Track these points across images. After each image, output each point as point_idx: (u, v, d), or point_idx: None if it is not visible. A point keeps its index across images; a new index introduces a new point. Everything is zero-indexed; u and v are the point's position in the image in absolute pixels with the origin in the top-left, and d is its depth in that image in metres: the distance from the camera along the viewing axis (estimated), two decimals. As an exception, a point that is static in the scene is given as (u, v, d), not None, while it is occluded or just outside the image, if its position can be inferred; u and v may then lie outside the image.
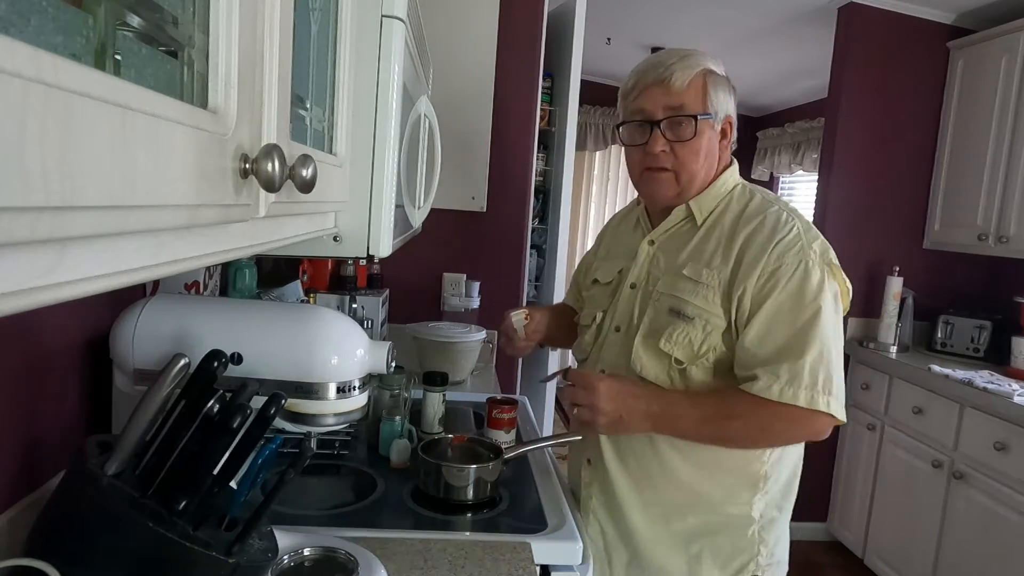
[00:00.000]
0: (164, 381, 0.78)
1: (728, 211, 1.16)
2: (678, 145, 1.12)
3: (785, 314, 1.05)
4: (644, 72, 1.14)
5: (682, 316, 1.11)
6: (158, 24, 0.41)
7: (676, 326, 1.11)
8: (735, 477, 1.15)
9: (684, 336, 1.11)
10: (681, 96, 1.11)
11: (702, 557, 1.17)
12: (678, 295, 1.13)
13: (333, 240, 0.86)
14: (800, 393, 1.03)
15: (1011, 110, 2.69)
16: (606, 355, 1.23)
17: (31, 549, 0.72)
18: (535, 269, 3.09)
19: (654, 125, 1.12)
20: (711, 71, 1.13)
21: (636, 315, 1.18)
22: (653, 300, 1.16)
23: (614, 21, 3.79)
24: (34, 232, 0.26)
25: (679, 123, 1.11)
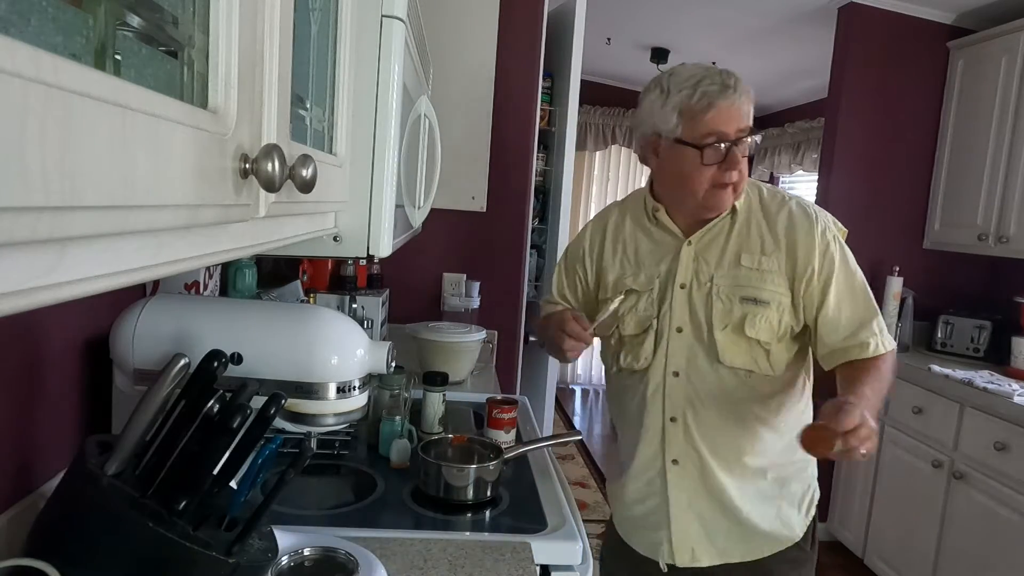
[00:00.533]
0: (164, 381, 0.78)
1: (750, 205, 1.26)
2: (743, 161, 1.20)
3: (849, 287, 1.22)
4: (716, 93, 1.15)
5: (758, 302, 1.21)
6: (158, 24, 0.41)
7: (755, 312, 1.20)
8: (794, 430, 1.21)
9: (764, 320, 1.20)
10: (747, 116, 1.18)
11: (783, 505, 1.29)
12: (746, 284, 1.21)
13: (333, 240, 0.86)
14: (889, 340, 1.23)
15: (1011, 110, 2.69)
16: (673, 357, 1.25)
17: (31, 549, 0.72)
18: (535, 269, 3.09)
19: (732, 145, 1.16)
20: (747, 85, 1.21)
21: (702, 312, 1.23)
22: (716, 295, 1.22)
23: (614, 21, 3.79)
24: (34, 232, 0.26)
25: (743, 143, 1.17)
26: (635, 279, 1.30)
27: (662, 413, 1.26)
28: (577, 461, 4.22)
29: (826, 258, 1.21)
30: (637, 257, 1.31)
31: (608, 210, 1.42)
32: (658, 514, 1.31)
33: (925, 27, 3.02)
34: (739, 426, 1.25)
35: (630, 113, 5.50)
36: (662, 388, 1.26)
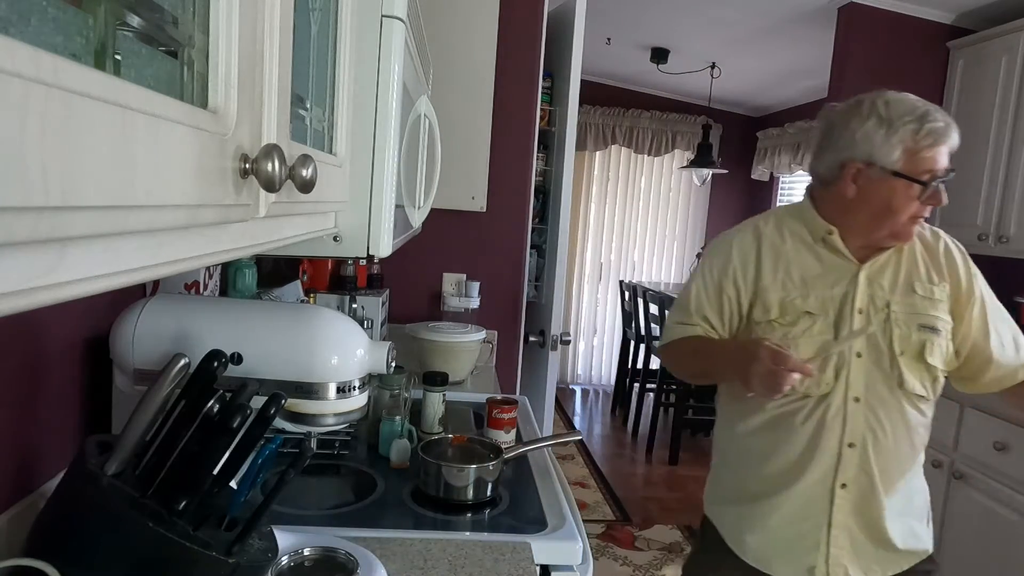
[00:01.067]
0: (164, 381, 0.78)
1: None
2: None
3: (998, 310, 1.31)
4: (941, 132, 1.19)
5: (934, 330, 1.24)
6: (158, 24, 0.41)
7: (932, 339, 1.23)
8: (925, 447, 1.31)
9: (938, 347, 1.24)
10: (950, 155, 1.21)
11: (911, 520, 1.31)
12: (922, 312, 1.24)
13: (333, 240, 0.86)
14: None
15: (1011, 110, 2.69)
16: (855, 383, 1.24)
17: (31, 549, 0.72)
18: (535, 269, 3.09)
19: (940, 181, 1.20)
20: None
21: (882, 339, 1.24)
22: (894, 321, 1.23)
23: (614, 21, 3.79)
24: (34, 232, 0.26)
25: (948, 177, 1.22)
26: (805, 301, 1.26)
27: (840, 438, 1.24)
28: (577, 461, 4.22)
29: (977, 285, 1.28)
30: (803, 279, 1.28)
31: (757, 225, 1.35)
32: (813, 536, 1.28)
33: (925, 27, 3.02)
34: (910, 451, 1.27)
35: (630, 113, 5.51)
36: (842, 413, 1.23)
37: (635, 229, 5.87)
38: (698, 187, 5.72)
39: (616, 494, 3.77)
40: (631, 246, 5.89)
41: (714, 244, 1.40)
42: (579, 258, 5.80)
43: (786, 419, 1.27)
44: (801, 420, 1.26)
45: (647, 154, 5.64)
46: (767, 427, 1.30)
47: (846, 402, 1.23)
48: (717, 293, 1.33)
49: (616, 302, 5.73)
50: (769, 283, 1.29)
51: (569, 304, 5.73)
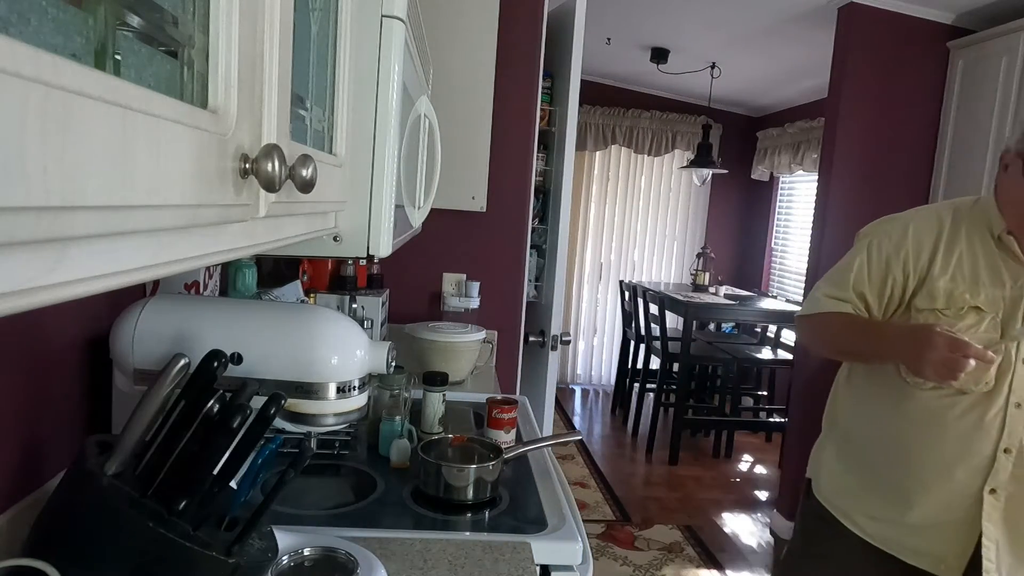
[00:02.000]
0: (164, 381, 0.78)
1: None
2: None
3: None
4: None
5: None
6: (158, 24, 0.41)
7: None
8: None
9: None
10: None
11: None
12: None
13: (333, 240, 0.86)
14: None
15: (1011, 110, 2.68)
16: (1018, 388, 1.22)
17: (31, 549, 0.72)
18: (535, 269, 3.09)
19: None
20: None
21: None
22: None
23: (614, 21, 3.79)
24: (34, 232, 0.26)
25: None
26: (974, 296, 1.24)
27: (996, 442, 1.22)
28: (577, 461, 4.22)
29: None
30: (974, 273, 1.26)
31: (939, 213, 1.34)
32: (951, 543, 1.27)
33: (925, 27, 3.02)
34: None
35: (630, 113, 5.51)
36: (1002, 416, 1.22)
37: (635, 229, 5.87)
38: (698, 187, 5.72)
39: (616, 494, 3.77)
40: (631, 246, 5.89)
41: (884, 224, 1.36)
42: (579, 258, 5.80)
43: (940, 412, 1.25)
44: (956, 416, 1.24)
45: (647, 154, 5.64)
46: (918, 417, 1.28)
47: (1007, 406, 1.21)
48: (882, 273, 1.31)
49: (616, 302, 5.73)
50: (939, 272, 1.26)
51: (569, 304, 5.73)
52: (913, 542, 1.31)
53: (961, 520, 1.25)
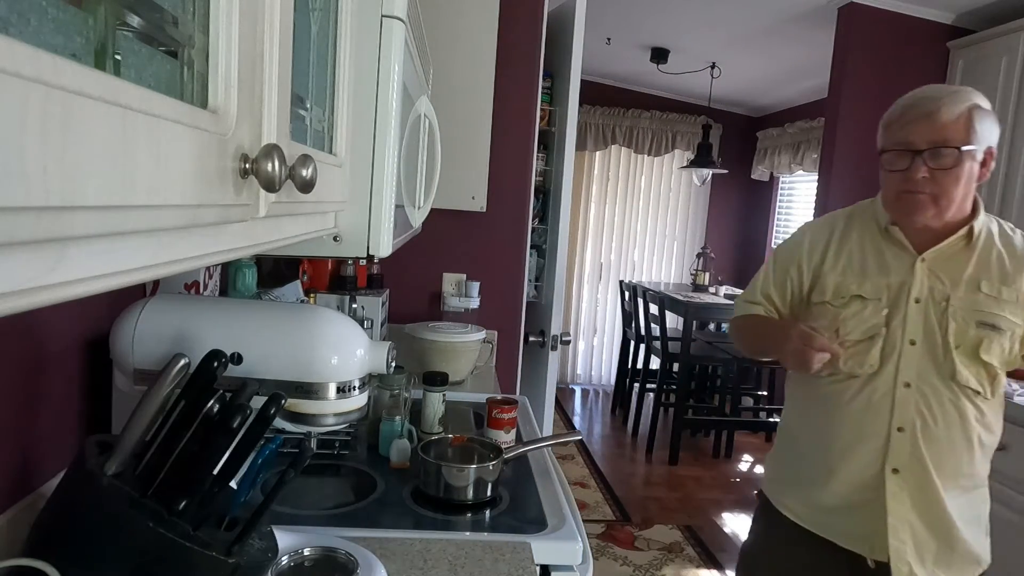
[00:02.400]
0: (164, 381, 0.78)
1: (991, 234, 1.31)
2: (940, 173, 1.22)
3: None
4: (911, 106, 1.25)
5: (995, 328, 1.24)
6: (158, 24, 0.41)
7: (991, 337, 1.24)
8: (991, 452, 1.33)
9: (998, 346, 1.25)
10: (945, 131, 1.21)
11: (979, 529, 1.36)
12: (984, 310, 1.25)
13: (333, 240, 0.86)
14: None
15: (1011, 110, 2.69)
16: (905, 368, 1.28)
17: (31, 549, 0.72)
18: (535, 269, 3.09)
19: (916, 155, 1.22)
20: (978, 106, 1.23)
21: (937, 329, 1.27)
22: (951, 314, 1.26)
23: (614, 21, 3.79)
24: (34, 232, 0.26)
25: (941, 154, 1.21)
26: (859, 286, 1.32)
27: (888, 422, 1.28)
28: (577, 461, 4.22)
29: None
30: (862, 265, 1.34)
31: (833, 218, 1.45)
32: (871, 523, 1.31)
33: (925, 27, 3.02)
34: (966, 446, 1.29)
35: (630, 113, 5.51)
36: (891, 397, 1.28)
37: (635, 229, 5.87)
38: (698, 187, 5.72)
39: (616, 494, 3.77)
40: (631, 246, 5.89)
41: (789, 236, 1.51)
42: (579, 258, 5.80)
43: (836, 396, 1.33)
44: (848, 399, 1.31)
45: (647, 154, 5.64)
46: (820, 405, 1.37)
47: (895, 386, 1.28)
48: (783, 275, 1.44)
49: (616, 302, 5.73)
50: (829, 268, 1.37)
51: (569, 304, 5.73)
52: (842, 525, 1.36)
53: (873, 501, 1.30)
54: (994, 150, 1.27)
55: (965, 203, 1.28)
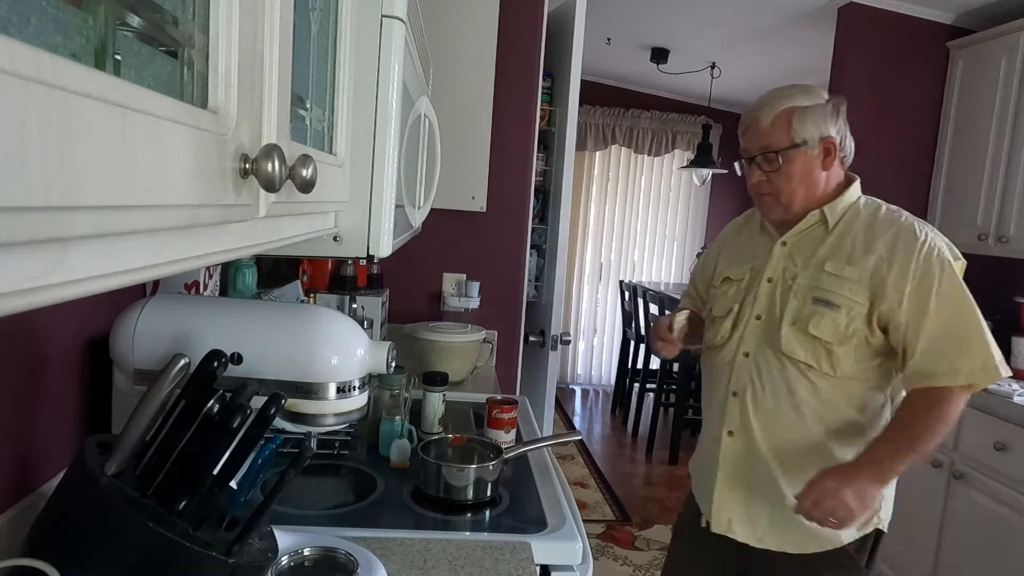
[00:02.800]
0: (164, 381, 0.78)
1: (857, 219, 1.35)
2: (773, 174, 1.34)
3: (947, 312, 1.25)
4: (744, 117, 1.38)
5: (829, 305, 1.30)
6: (158, 24, 0.41)
7: (823, 313, 1.30)
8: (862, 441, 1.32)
9: (830, 321, 1.29)
10: (766, 137, 1.33)
11: None
12: (823, 287, 1.31)
13: (333, 240, 0.86)
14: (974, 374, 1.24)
15: (1011, 110, 2.68)
16: (748, 340, 1.38)
17: (31, 549, 0.72)
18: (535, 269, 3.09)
19: (751, 161, 1.36)
20: (796, 107, 1.32)
21: (778, 305, 1.35)
22: (794, 292, 1.34)
23: (614, 21, 3.79)
24: (34, 232, 0.26)
25: (768, 158, 1.33)
26: (730, 269, 1.49)
27: (727, 387, 1.40)
28: (577, 461, 4.22)
29: (923, 283, 1.25)
30: (740, 253, 1.49)
31: (744, 217, 1.59)
32: (708, 478, 1.43)
33: (925, 27, 3.02)
34: (794, 416, 1.33)
35: (630, 113, 5.51)
36: (731, 365, 1.40)
37: (635, 229, 5.87)
38: (698, 187, 5.72)
39: (616, 494, 3.77)
40: (631, 246, 5.89)
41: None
42: (579, 258, 5.80)
43: (705, 367, 1.52)
44: (707, 365, 1.49)
45: (647, 154, 5.64)
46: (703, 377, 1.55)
47: (736, 355, 1.39)
48: (703, 268, 1.63)
49: (616, 302, 5.73)
50: (722, 259, 1.54)
51: (569, 304, 5.73)
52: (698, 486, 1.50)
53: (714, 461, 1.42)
54: (834, 138, 1.34)
55: (814, 193, 1.35)
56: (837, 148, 1.36)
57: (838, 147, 1.36)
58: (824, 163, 1.35)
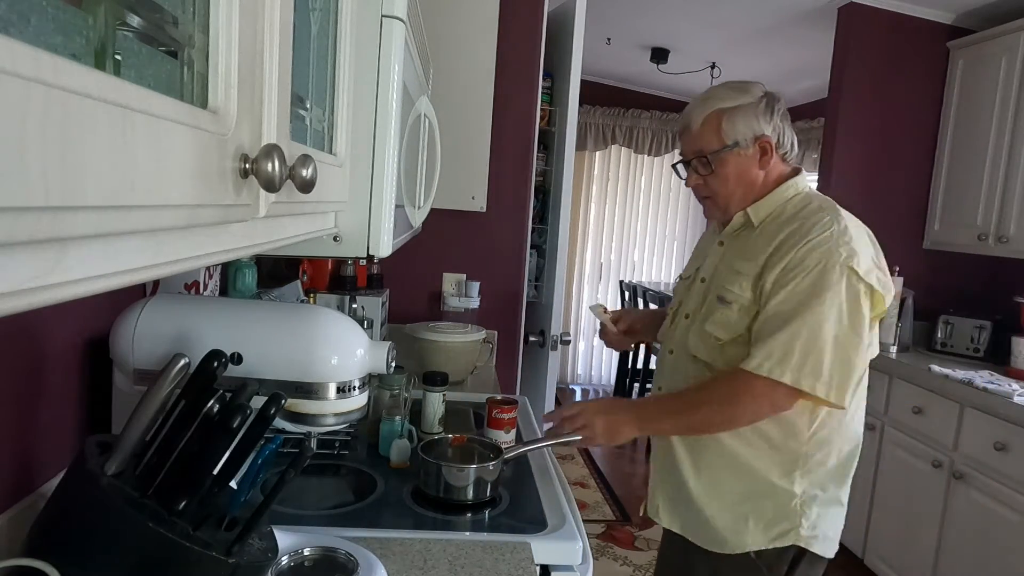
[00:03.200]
0: (164, 381, 0.78)
1: (783, 215, 1.31)
2: (709, 177, 1.33)
3: (791, 304, 1.19)
4: (679, 122, 1.38)
5: (723, 301, 1.29)
6: (158, 24, 0.41)
7: (718, 310, 1.30)
8: (775, 451, 1.29)
9: (722, 317, 1.28)
10: (698, 140, 1.32)
11: (746, 517, 1.30)
12: (724, 284, 1.31)
13: (333, 240, 0.85)
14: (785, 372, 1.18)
15: (1011, 110, 2.68)
16: (676, 338, 1.40)
17: (31, 549, 0.72)
18: (535, 269, 3.09)
19: (687, 166, 1.36)
20: (725, 108, 1.29)
21: (701, 304, 1.36)
22: (711, 292, 1.34)
23: (614, 21, 3.79)
24: (34, 232, 0.26)
25: (702, 162, 1.32)
26: (686, 268, 1.52)
27: (656, 382, 1.47)
28: (577, 461, 4.22)
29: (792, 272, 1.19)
30: (697, 252, 1.53)
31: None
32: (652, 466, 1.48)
33: (925, 27, 3.02)
34: None
35: (630, 113, 5.51)
36: (662, 361, 1.45)
37: (635, 229, 5.86)
38: (698, 187, 5.72)
39: (616, 494, 3.77)
40: (631, 246, 5.89)
41: None
42: (579, 258, 5.80)
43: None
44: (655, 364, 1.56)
45: (647, 154, 5.64)
46: None
47: (665, 352, 1.44)
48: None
49: (616, 302, 5.72)
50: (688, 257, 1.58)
51: (569, 304, 5.73)
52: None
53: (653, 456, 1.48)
54: (769, 137, 1.30)
55: (752, 193, 1.33)
56: (774, 147, 1.30)
57: (775, 145, 1.31)
58: (761, 162, 1.31)
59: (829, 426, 1.28)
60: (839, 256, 1.18)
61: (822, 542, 1.30)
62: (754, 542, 1.28)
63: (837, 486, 1.33)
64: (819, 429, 1.28)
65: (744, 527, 1.29)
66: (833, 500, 1.32)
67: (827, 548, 1.31)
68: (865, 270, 1.20)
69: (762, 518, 1.29)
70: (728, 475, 1.31)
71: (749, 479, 1.30)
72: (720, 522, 1.31)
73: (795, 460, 1.28)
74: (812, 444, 1.28)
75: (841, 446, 1.31)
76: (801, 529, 1.28)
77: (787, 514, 1.28)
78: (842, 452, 1.31)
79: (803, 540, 1.28)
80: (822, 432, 1.28)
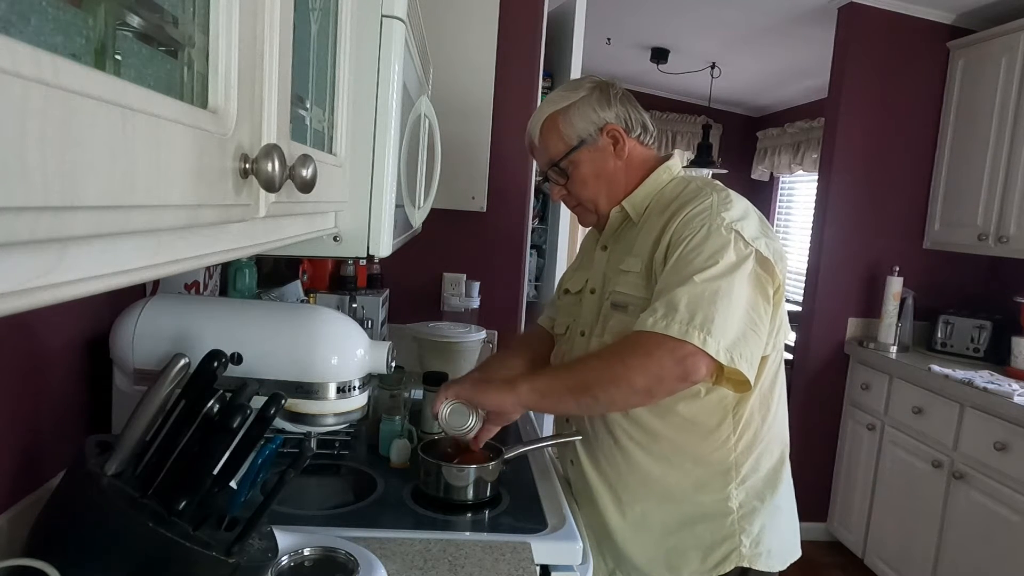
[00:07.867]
0: (164, 381, 0.78)
1: (661, 201, 1.23)
2: (568, 184, 1.27)
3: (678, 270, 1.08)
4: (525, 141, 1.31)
5: (618, 307, 1.21)
6: (158, 24, 0.41)
7: (614, 317, 1.21)
8: (703, 467, 1.20)
9: (619, 324, 1.19)
10: (546, 151, 1.26)
11: (681, 549, 1.20)
12: (616, 289, 1.22)
13: (333, 240, 0.86)
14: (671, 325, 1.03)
15: (1011, 110, 2.68)
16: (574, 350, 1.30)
17: (31, 549, 0.72)
18: (535, 269, 3.09)
19: (546, 179, 1.30)
20: (558, 111, 1.23)
21: (595, 318, 1.27)
22: (604, 300, 1.25)
23: (614, 21, 3.79)
24: (34, 232, 0.26)
25: (555, 172, 1.27)
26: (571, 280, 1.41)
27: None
28: (577, 461, 4.21)
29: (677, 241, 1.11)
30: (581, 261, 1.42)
31: None
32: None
33: (925, 27, 3.02)
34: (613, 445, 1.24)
35: (630, 113, 5.50)
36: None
37: (635, 229, 5.85)
38: (698, 187, 5.71)
39: (616, 494, 3.76)
40: (631, 246, 5.88)
41: None
42: (579, 258, 5.79)
43: None
44: None
45: (647, 154, 5.63)
46: None
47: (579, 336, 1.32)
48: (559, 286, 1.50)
49: (616, 302, 5.71)
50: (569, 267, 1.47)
51: (569, 304, 5.72)
52: None
53: None
54: (611, 124, 1.22)
55: (617, 187, 1.25)
56: (624, 132, 1.23)
57: (625, 130, 1.23)
58: (617, 152, 1.23)
59: (753, 427, 1.20)
60: (721, 220, 1.10)
61: (767, 558, 1.20)
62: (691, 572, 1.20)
63: (773, 492, 1.23)
64: (744, 432, 1.19)
65: (680, 562, 1.20)
66: (774, 509, 1.23)
67: (772, 563, 1.21)
68: (751, 235, 1.10)
69: (699, 547, 1.20)
70: (654, 506, 1.21)
71: (679, 505, 1.21)
72: (652, 563, 1.22)
73: (727, 472, 1.19)
74: (741, 451, 1.19)
75: (771, 448, 1.23)
76: (742, 548, 1.18)
77: (725, 535, 1.19)
78: (773, 455, 1.24)
79: (745, 559, 1.18)
80: (747, 435, 1.19)
